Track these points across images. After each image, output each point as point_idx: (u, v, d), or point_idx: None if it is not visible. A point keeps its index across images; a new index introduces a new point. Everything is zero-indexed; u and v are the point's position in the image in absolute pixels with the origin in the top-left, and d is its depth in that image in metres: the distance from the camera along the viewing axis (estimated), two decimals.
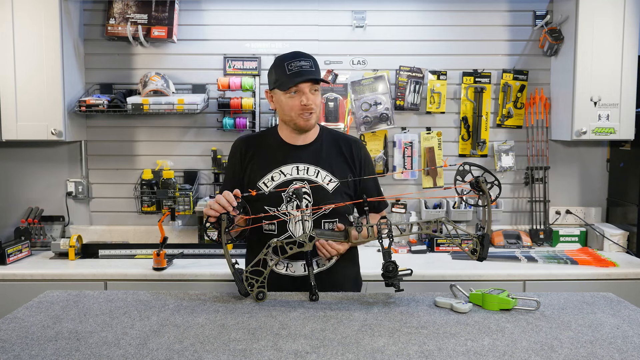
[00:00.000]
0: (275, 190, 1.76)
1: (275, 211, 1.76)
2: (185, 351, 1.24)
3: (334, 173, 1.80)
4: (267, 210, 1.75)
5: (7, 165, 3.08)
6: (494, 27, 3.06)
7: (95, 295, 1.65)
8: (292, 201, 1.74)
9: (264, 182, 1.78)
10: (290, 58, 1.74)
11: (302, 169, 1.79)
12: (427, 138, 3.05)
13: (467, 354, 1.23)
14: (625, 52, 2.72)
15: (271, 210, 1.76)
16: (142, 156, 3.09)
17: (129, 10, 2.92)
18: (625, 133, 2.77)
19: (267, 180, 1.79)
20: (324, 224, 1.79)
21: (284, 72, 1.72)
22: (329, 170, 1.80)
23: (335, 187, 1.78)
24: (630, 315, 1.48)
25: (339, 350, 1.24)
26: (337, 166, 1.82)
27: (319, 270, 1.81)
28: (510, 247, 2.93)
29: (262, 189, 1.76)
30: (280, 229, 1.78)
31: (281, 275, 1.81)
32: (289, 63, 1.72)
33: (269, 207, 1.76)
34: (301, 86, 1.72)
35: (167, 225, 2.96)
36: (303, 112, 1.74)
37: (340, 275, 1.86)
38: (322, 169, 1.79)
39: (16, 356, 1.22)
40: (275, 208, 1.76)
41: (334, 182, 1.78)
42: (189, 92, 3.01)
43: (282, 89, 1.74)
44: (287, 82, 1.71)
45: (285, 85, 1.72)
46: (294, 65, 1.72)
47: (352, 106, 3.02)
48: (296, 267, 1.80)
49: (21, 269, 2.56)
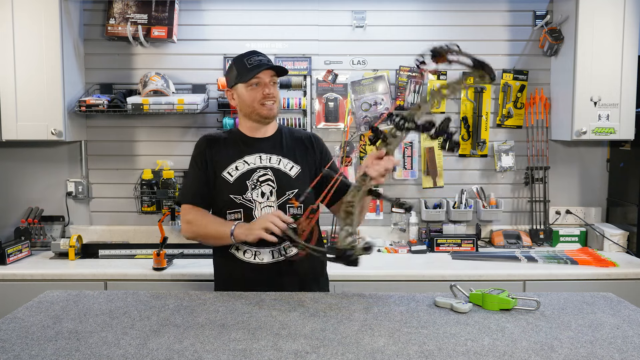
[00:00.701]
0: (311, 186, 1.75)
1: (241, 199, 1.80)
2: (185, 351, 1.24)
3: (296, 161, 1.87)
4: (233, 199, 1.80)
5: (7, 165, 3.08)
6: (494, 27, 3.06)
7: (95, 295, 1.65)
8: (256, 188, 1.80)
9: (228, 171, 1.84)
10: (248, 55, 1.86)
11: (265, 158, 1.86)
12: (427, 138, 3.05)
13: (467, 354, 1.23)
14: (625, 52, 2.72)
15: (236, 198, 1.81)
16: (142, 156, 3.09)
17: (129, 10, 2.92)
18: (625, 133, 2.77)
19: (232, 169, 1.84)
20: (289, 208, 1.82)
21: (245, 67, 1.82)
22: (291, 158, 1.87)
23: (298, 173, 1.85)
24: (630, 315, 1.48)
25: (339, 350, 1.24)
26: (300, 154, 1.89)
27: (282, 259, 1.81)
28: (510, 247, 2.93)
29: (227, 178, 1.82)
30: (247, 217, 1.81)
31: (248, 263, 1.81)
32: (249, 58, 1.84)
33: (233, 196, 1.81)
34: (262, 77, 1.82)
35: (167, 225, 2.97)
36: (265, 101, 1.83)
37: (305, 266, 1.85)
38: (283, 157, 1.86)
39: (16, 356, 1.22)
40: (240, 196, 1.81)
41: (297, 168, 1.85)
42: (189, 92, 3.01)
43: (244, 80, 1.82)
44: (249, 73, 1.80)
45: (248, 76, 1.80)
46: (253, 59, 1.83)
47: (352, 106, 3.02)
48: (264, 254, 1.80)
49: (21, 269, 2.56)
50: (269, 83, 1.84)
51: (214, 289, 1.94)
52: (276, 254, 1.80)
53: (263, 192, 1.80)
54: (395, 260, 2.73)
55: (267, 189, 1.80)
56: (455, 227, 3.02)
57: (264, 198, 1.80)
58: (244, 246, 1.80)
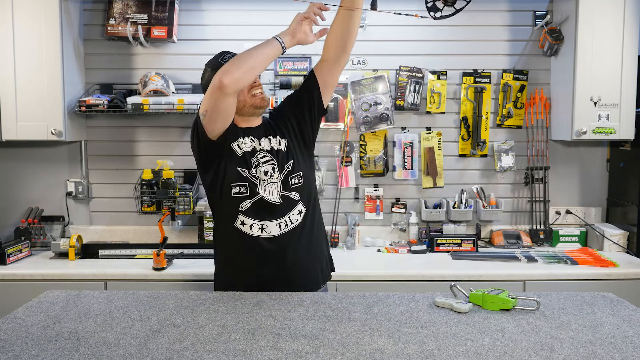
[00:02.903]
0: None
1: (247, 173, 1.83)
2: (185, 351, 1.24)
3: (282, 135, 1.92)
4: (240, 171, 1.83)
5: (7, 165, 3.08)
6: (494, 27, 3.06)
7: (95, 295, 1.65)
8: (259, 166, 1.84)
9: (237, 144, 1.87)
10: (221, 55, 1.89)
11: (261, 141, 1.89)
12: (427, 138, 3.05)
13: (467, 354, 1.23)
14: (625, 52, 2.72)
15: (243, 172, 1.83)
16: (142, 156, 3.09)
17: (129, 10, 2.92)
18: (625, 133, 2.76)
19: (240, 143, 1.87)
20: (291, 179, 1.86)
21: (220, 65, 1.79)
22: (277, 135, 1.91)
23: (287, 144, 1.90)
24: (630, 315, 1.48)
25: (339, 350, 1.24)
26: (279, 128, 1.93)
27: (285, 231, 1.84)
28: (510, 247, 2.93)
29: (236, 150, 1.85)
30: (252, 192, 1.83)
31: (256, 237, 1.83)
32: (222, 57, 1.86)
33: (241, 168, 1.83)
34: None
35: (167, 225, 2.97)
36: (254, 91, 1.87)
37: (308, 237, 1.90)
38: (272, 137, 1.90)
39: (16, 356, 1.22)
40: (247, 170, 1.83)
41: (284, 142, 1.90)
42: (189, 92, 3.01)
43: None
44: None
45: None
46: (227, 57, 1.85)
47: (352, 106, 3.02)
48: (271, 227, 1.83)
49: (21, 269, 2.56)
50: None
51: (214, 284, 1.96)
52: (283, 225, 1.83)
53: (265, 170, 1.83)
54: (395, 260, 2.73)
55: (269, 167, 1.84)
56: (455, 227, 3.02)
57: (267, 175, 1.84)
58: (250, 220, 1.82)
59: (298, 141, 1.94)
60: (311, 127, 1.97)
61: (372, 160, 3.04)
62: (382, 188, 3.09)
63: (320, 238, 1.99)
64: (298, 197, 1.86)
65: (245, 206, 1.82)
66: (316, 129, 2.01)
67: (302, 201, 1.87)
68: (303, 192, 1.88)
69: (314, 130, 2.00)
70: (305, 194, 1.89)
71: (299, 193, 1.86)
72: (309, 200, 1.90)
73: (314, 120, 1.97)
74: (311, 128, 1.97)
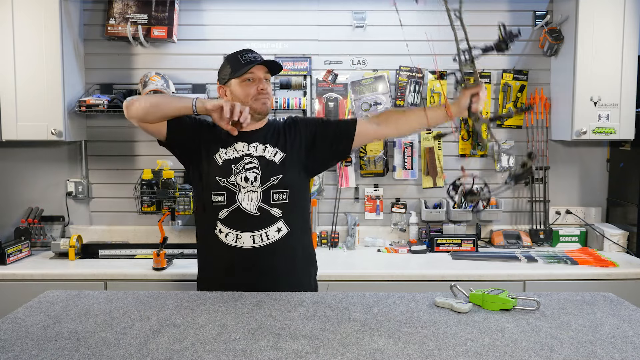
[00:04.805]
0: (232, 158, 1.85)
1: (225, 182, 1.82)
2: (185, 351, 1.24)
3: (282, 148, 1.88)
4: (218, 181, 1.82)
5: (7, 165, 3.08)
6: (494, 27, 3.04)
7: (95, 295, 1.65)
8: (240, 173, 1.82)
9: (219, 154, 1.86)
10: (242, 52, 1.89)
11: (252, 146, 1.87)
12: (427, 138, 3.05)
13: (467, 354, 1.23)
14: (625, 52, 2.72)
15: (221, 181, 1.82)
16: (142, 156, 3.09)
17: (129, 10, 2.92)
18: (625, 133, 2.77)
19: (222, 154, 1.86)
20: (273, 194, 1.83)
21: (239, 62, 1.84)
22: (277, 146, 1.88)
23: (282, 159, 1.86)
24: (630, 315, 1.48)
25: (339, 350, 1.24)
26: (284, 141, 1.90)
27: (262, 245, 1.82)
28: (510, 247, 2.93)
29: (217, 161, 1.85)
30: (230, 201, 1.82)
31: (230, 247, 1.82)
32: (243, 55, 1.87)
33: (219, 178, 1.83)
34: (256, 72, 1.85)
35: (167, 225, 2.96)
36: (259, 96, 1.85)
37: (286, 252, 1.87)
38: (269, 146, 1.88)
39: (16, 356, 1.22)
40: (225, 179, 1.83)
41: (281, 155, 1.87)
42: (189, 92, 3.01)
43: (238, 75, 1.84)
44: (243, 68, 1.83)
45: (242, 71, 1.83)
46: (247, 56, 1.86)
47: (352, 106, 3.02)
48: (245, 238, 1.81)
49: (21, 269, 2.56)
50: (262, 79, 1.86)
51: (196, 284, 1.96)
52: (257, 238, 1.81)
53: (247, 177, 1.81)
54: (395, 260, 2.73)
55: (252, 175, 1.82)
56: (455, 227, 3.02)
57: (248, 183, 1.81)
58: (226, 228, 1.81)
59: (299, 163, 1.89)
60: (321, 163, 1.98)
61: (372, 160, 3.04)
62: (382, 188, 3.09)
63: (304, 266, 1.93)
64: (280, 214, 1.81)
65: (223, 215, 1.81)
66: (325, 167, 2.04)
67: (285, 220, 1.82)
68: (288, 213, 1.83)
69: (322, 166, 2.03)
70: (291, 216, 1.84)
71: (282, 211, 1.82)
72: (296, 223, 1.85)
73: (327, 160, 1.99)
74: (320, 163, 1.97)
